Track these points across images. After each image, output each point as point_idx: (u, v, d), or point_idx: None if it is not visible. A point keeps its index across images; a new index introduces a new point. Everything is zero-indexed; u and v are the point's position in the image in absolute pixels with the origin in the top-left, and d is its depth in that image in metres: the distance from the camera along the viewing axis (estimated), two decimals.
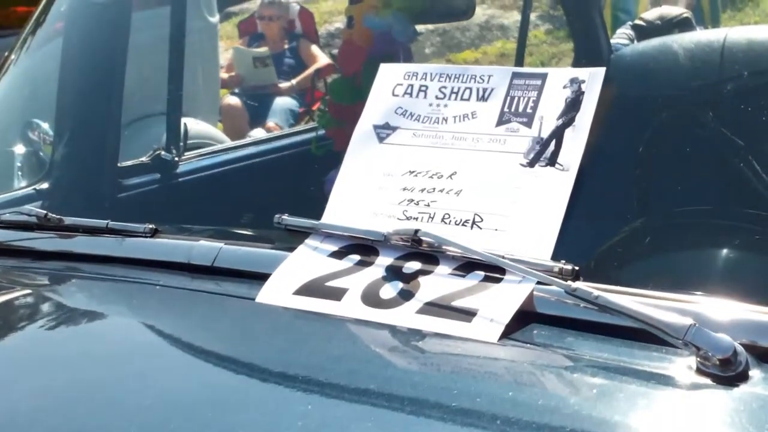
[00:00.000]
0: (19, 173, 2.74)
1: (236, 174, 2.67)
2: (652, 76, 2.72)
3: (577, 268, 1.34)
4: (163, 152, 2.81)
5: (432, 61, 10.50)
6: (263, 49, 7.47)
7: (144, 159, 2.82)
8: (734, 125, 1.74)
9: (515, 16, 10.29)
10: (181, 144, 2.97)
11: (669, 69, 2.70)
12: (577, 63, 4.03)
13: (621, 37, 5.34)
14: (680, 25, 4.68)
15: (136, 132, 4.13)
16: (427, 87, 1.60)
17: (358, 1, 2.00)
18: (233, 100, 7.43)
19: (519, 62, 4.18)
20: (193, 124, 5.32)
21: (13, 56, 2.54)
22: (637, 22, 4.91)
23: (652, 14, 4.96)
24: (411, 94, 1.61)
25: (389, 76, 1.64)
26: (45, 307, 1.71)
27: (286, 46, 7.64)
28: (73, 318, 1.64)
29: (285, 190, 2.05)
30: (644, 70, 2.90)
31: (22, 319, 1.68)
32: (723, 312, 1.24)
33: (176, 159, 2.82)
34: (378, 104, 1.62)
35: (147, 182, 2.71)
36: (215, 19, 6.07)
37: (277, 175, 2.51)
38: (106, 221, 1.75)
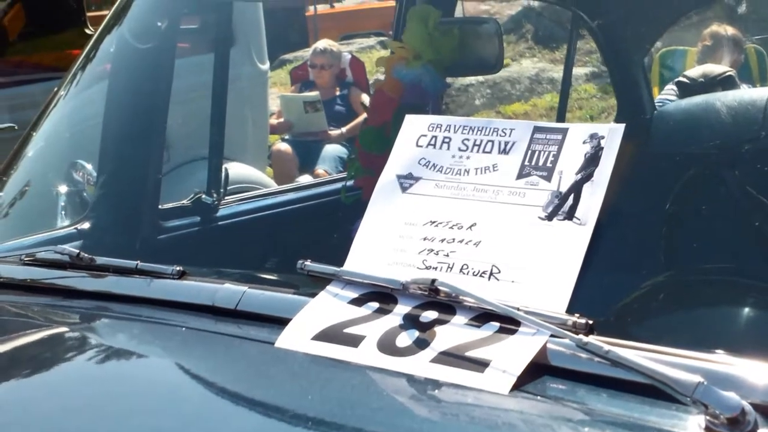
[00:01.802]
0: (63, 212, 2.79)
1: (272, 219, 2.71)
2: (693, 132, 2.74)
3: (590, 322, 1.35)
4: (204, 196, 2.86)
5: (482, 113, 10.57)
6: (314, 93, 7.55)
7: (185, 202, 2.87)
8: (760, 184, 1.75)
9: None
10: (222, 188, 3.01)
11: (711, 126, 2.72)
12: (620, 118, 4.05)
13: (668, 94, 5.35)
14: (723, 83, 4.69)
15: (188, 174, 4.21)
16: (450, 139, 1.63)
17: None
18: (283, 146, 7.52)
19: (561, 116, 4.20)
20: (240, 169, 5.41)
21: (60, 94, 2.60)
22: (681, 79, 4.92)
23: (695, 72, 4.97)
24: (435, 146, 1.63)
25: (414, 127, 1.66)
26: (73, 346, 1.75)
27: (337, 94, 7.73)
28: (99, 357, 1.68)
29: (316, 237, 2.08)
30: (686, 127, 2.92)
31: (52, 357, 1.72)
32: (733, 370, 1.25)
33: (216, 203, 2.87)
34: (402, 155, 1.65)
35: (186, 225, 2.76)
36: (265, 66, 6.15)
37: (310, 222, 2.54)
38: (136, 262, 1.79)
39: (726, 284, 1.59)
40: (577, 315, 1.36)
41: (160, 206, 2.72)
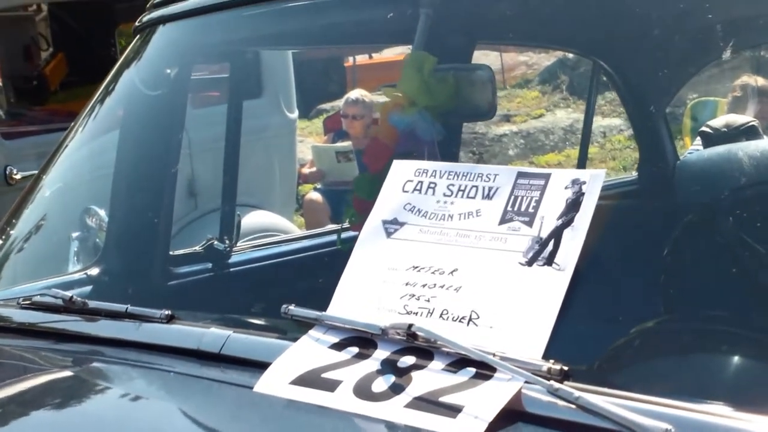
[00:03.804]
0: (75, 258, 2.82)
1: (277, 266, 2.72)
2: (713, 182, 2.72)
3: (566, 368, 1.34)
4: (215, 242, 2.87)
5: (515, 163, 10.56)
6: (346, 144, 7.59)
7: (197, 248, 2.88)
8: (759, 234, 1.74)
9: (599, 121, 10.34)
10: (234, 235, 3.02)
11: (733, 176, 2.69)
12: (643, 168, 4.04)
13: (697, 145, 5.31)
14: (747, 133, 4.66)
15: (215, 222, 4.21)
16: (436, 184, 1.62)
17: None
18: (315, 196, 7.55)
19: (581, 165, 4.19)
20: (265, 217, 5.44)
21: (71, 139, 2.62)
22: (704, 129, 4.89)
23: (718, 122, 4.95)
24: (420, 191, 1.63)
25: (401, 172, 1.67)
26: (60, 389, 1.75)
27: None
28: (84, 401, 1.68)
29: (313, 282, 2.08)
30: (706, 177, 2.90)
31: (41, 399, 1.73)
32: (701, 417, 1.23)
33: (228, 250, 2.88)
34: (389, 200, 1.65)
35: (197, 271, 2.77)
36: (294, 115, 6.20)
37: (312, 268, 2.55)
38: (126, 306, 1.79)
39: (700, 333, 1.57)
40: (552, 361, 1.35)
41: (171, 253, 2.74)
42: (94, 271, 2.54)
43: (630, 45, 3.17)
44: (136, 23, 2.61)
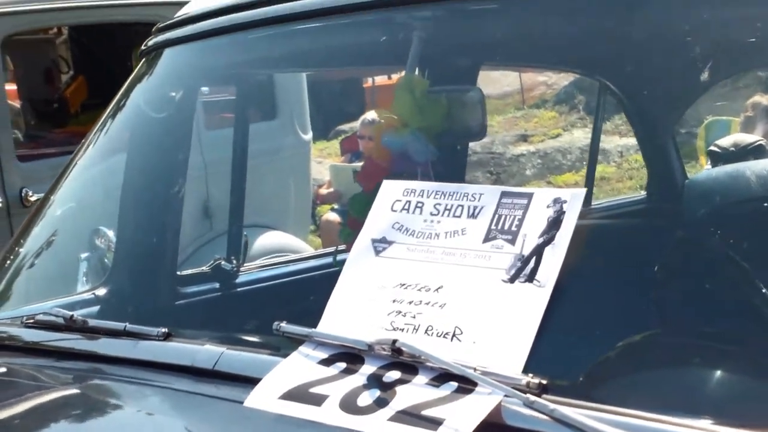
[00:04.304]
0: (84, 278, 2.87)
1: (280, 286, 2.76)
2: (720, 200, 2.74)
3: (544, 382, 1.37)
4: (223, 262, 2.92)
5: (533, 183, 10.58)
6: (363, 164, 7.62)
7: (204, 268, 2.93)
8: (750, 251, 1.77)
9: (616, 141, 10.35)
10: (241, 255, 3.06)
11: (740, 195, 2.72)
12: (651, 188, 4.06)
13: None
14: (755, 152, 4.68)
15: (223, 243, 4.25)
16: (423, 203, 1.66)
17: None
18: (332, 216, 7.59)
19: (589, 184, 4.21)
20: (279, 237, 5.48)
21: (81, 159, 2.67)
22: (712, 148, 4.92)
23: (726, 141, 4.97)
24: (408, 210, 1.67)
25: (390, 192, 1.71)
26: (61, 406, 1.80)
27: None
28: (81, 418, 1.72)
29: (312, 301, 2.12)
30: (713, 195, 2.92)
31: (41, 416, 1.77)
32: (673, 429, 1.26)
33: (234, 269, 2.92)
34: (378, 219, 1.69)
35: (202, 291, 2.81)
36: (308, 136, 6.25)
37: (314, 287, 2.58)
38: (125, 324, 1.84)
39: (679, 349, 1.60)
40: (531, 375, 1.38)
41: (178, 273, 2.78)
42: (102, 291, 2.59)
43: (636, 65, 3.19)
44: (142, 47, 2.67)
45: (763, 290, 1.75)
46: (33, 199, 5.18)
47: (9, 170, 5.25)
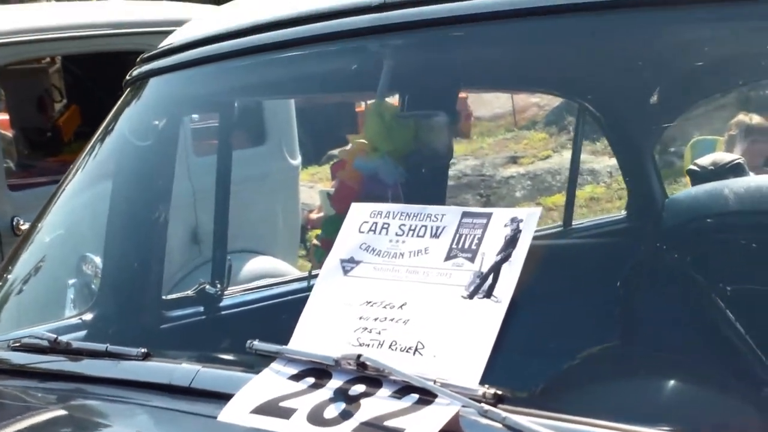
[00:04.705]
0: (71, 303, 2.94)
1: (257, 307, 2.83)
2: (699, 219, 2.82)
3: (499, 392, 1.45)
4: (207, 286, 2.99)
5: (522, 204, 10.64)
6: None
7: (189, 292, 3.00)
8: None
9: (606, 161, 10.42)
10: (225, 279, 3.13)
11: (719, 213, 2.80)
12: (631, 207, 4.13)
13: None
14: (733, 170, 4.76)
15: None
16: (389, 224, 1.74)
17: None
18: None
19: (569, 205, 4.28)
20: (265, 262, 5.54)
21: (68, 187, 2.74)
22: (692, 167, 5.00)
23: (705, 160, 5.05)
24: (375, 231, 1.75)
25: (358, 214, 1.78)
26: (47, 425, 1.87)
27: None
28: None
29: (286, 320, 2.19)
30: (692, 214, 3.00)
31: None
32: None
33: (217, 293, 2.99)
34: (346, 240, 1.77)
35: (186, 314, 2.88)
36: (296, 161, 6.33)
37: (289, 307, 2.65)
38: (106, 345, 1.91)
39: (629, 360, 1.68)
40: (487, 386, 1.46)
41: (163, 297, 2.85)
42: (88, 316, 2.66)
43: (612, 86, 3.27)
44: (127, 77, 2.75)
45: (724, 306, 1.83)
46: (24, 227, 5.24)
47: (0, 199, 5.33)
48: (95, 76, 8.08)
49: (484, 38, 2.11)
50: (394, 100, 2.47)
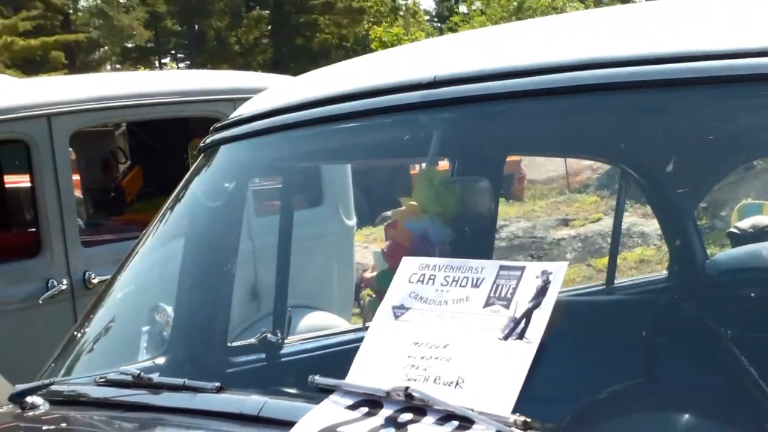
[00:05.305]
0: (145, 349, 3.21)
1: (317, 352, 3.08)
2: (741, 279, 3.04)
3: (528, 420, 1.68)
4: (269, 334, 3.24)
5: (574, 266, 10.80)
6: None
7: (253, 340, 3.25)
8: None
9: (655, 224, 10.56)
10: (286, 329, 3.38)
11: (758, 273, 3.02)
12: (672, 267, 4.33)
13: None
14: None
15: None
16: (435, 276, 1.99)
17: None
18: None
19: (612, 263, 4.48)
20: (321, 317, 5.79)
21: (144, 244, 3.02)
22: (732, 230, 5.19)
23: (745, 224, 5.24)
24: (422, 282, 1.99)
25: (409, 266, 2.03)
26: None
27: None
28: None
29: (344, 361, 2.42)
30: (733, 274, 3.22)
31: None
32: None
33: (280, 341, 3.24)
34: (398, 289, 2.01)
35: (251, 360, 3.13)
36: (352, 222, 6.60)
37: (346, 350, 2.90)
38: (183, 380, 2.16)
39: (645, 397, 1.90)
40: (518, 414, 1.69)
41: (229, 344, 3.11)
42: (161, 359, 2.92)
43: (655, 152, 3.47)
44: (201, 144, 3.03)
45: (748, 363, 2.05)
46: (96, 281, 5.55)
47: (74, 255, 5.64)
48: (158, 139, 8.42)
49: (525, 112, 2.35)
50: (445, 165, 2.72)
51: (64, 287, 5.58)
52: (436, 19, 53.45)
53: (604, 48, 2.15)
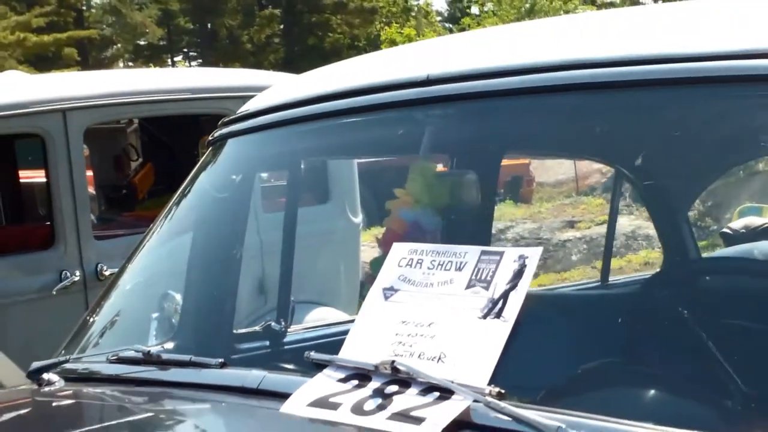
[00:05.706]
0: (154, 333, 3.37)
1: (320, 336, 3.24)
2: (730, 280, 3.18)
3: (503, 390, 1.84)
4: (273, 323, 3.40)
5: (579, 269, 10.93)
6: None
7: (256, 328, 3.41)
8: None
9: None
10: (289, 318, 3.53)
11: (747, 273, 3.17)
12: (667, 266, 4.46)
13: None
14: (764, 233, 5.08)
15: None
16: (422, 260, 2.15)
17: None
18: None
19: (606, 261, 4.63)
20: (325, 312, 5.93)
21: (155, 234, 3.17)
22: (724, 230, 5.33)
23: (738, 224, 5.38)
24: (411, 265, 2.15)
25: (398, 252, 2.19)
26: (141, 422, 2.29)
27: None
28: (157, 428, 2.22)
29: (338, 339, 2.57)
30: (726, 273, 3.36)
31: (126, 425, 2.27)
32: (585, 421, 1.72)
33: (283, 329, 3.40)
34: (389, 272, 2.18)
35: (256, 346, 3.29)
36: (358, 219, 6.74)
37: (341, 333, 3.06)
38: (189, 356, 2.33)
39: (612, 374, 2.06)
40: (493, 386, 1.85)
41: (234, 331, 3.27)
42: (170, 343, 3.08)
43: (650, 152, 3.59)
44: (209, 138, 3.19)
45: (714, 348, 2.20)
46: (107, 273, 5.72)
47: (87, 248, 5.81)
48: (170, 136, 8.56)
49: (516, 110, 2.48)
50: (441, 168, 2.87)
51: (77, 278, 5.75)
52: (447, 23, 53.59)
53: (595, 48, 2.25)
